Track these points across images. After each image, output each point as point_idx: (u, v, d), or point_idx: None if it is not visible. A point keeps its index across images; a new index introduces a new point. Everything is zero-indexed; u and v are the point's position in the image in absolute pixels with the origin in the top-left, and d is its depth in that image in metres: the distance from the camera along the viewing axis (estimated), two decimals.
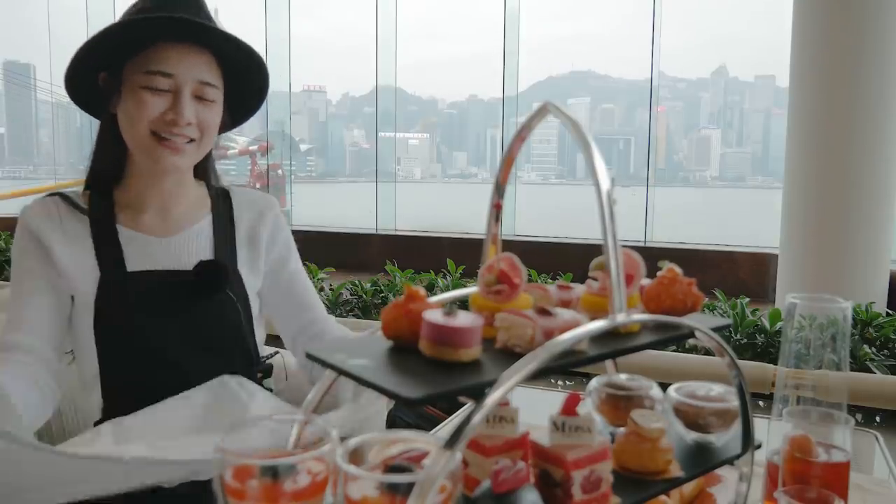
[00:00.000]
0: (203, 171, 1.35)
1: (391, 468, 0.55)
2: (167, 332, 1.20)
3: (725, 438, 0.84)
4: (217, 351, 1.24)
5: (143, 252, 1.24)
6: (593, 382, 0.90)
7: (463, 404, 1.29)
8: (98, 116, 1.28)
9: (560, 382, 3.76)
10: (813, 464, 0.88)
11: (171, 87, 1.18)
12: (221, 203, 1.35)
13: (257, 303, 1.34)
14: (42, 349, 1.17)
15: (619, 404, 0.86)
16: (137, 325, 1.19)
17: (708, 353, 3.75)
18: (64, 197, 1.26)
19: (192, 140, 1.21)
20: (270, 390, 1.31)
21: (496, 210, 0.83)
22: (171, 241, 1.26)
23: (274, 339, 1.38)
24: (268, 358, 1.34)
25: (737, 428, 0.82)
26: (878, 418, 3.46)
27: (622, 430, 0.78)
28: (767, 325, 4.06)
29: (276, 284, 1.37)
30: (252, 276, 1.32)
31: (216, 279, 1.23)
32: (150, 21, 1.15)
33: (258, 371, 1.30)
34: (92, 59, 1.20)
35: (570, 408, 0.68)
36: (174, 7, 1.16)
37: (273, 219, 1.38)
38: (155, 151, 1.19)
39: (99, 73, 1.23)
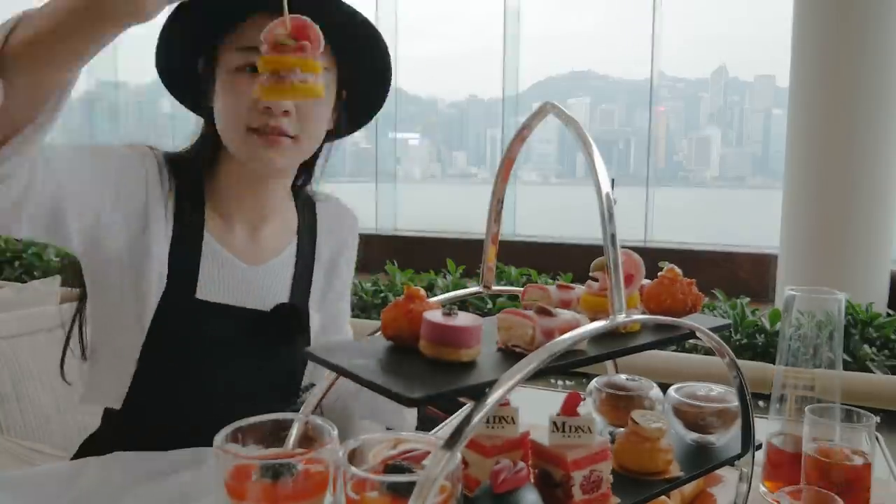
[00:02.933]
0: (300, 177, 1.20)
1: (391, 468, 0.55)
2: (223, 368, 1.09)
3: (725, 438, 0.84)
4: (266, 391, 1.14)
5: (221, 278, 1.10)
6: (593, 382, 0.90)
7: (463, 404, 1.29)
8: (200, 112, 1.14)
9: (560, 382, 3.76)
10: (835, 466, 0.89)
11: None
12: (306, 223, 1.23)
13: (314, 339, 1.23)
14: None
15: (619, 404, 0.86)
16: (194, 358, 1.07)
17: (708, 353, 3.75)
18: (160, 166, 1.08)
19: (291, 137, 1.04)
20: None
21: (496, 210, 0.83)
22: (253, 273, 1.13)
23: None
24: (304, 390, 1.23)
25: (737, 428, 0.82)
26: (878, 418, 3.46)
27: (622, 430, 0.78)
28: (767, 325, 4.05)
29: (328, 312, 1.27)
30: (319, 313, 1.22)
31: (290, 327, 1.13)
32: None
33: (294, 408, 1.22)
34: (181, 43, 1.05)
35: (570, 408, 0.68)
36: None
37: (352, 248, 1.29)
38: (249, 146, 1.04)
39: (197, 60, 1.08)
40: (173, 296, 1.05)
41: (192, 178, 1.11)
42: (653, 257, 0.79)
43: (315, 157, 1.20)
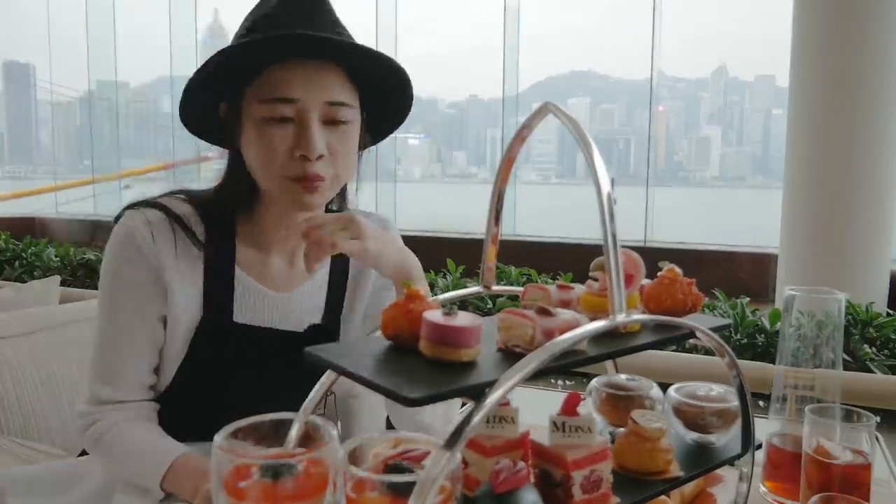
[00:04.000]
0: (336, 199, 1.22)
1: (391, 468, 0.55)
2: (257, 387, 1.12)
3: (725, 438, 0.84)
4: (294, 405, 1.18)
5: (256, 305, 1.14)
6: (593, 382, 0.90)
7: (463, 404, 1.29)
8: (222, 145, 1.15)
9: (560, 382, 3.76)
10: (835, 466, 0.89)
11: (296, 115, 1.02)
12: None
13: None
14: (139, 398, 1.11)
15: (619, 404, 0.86)
16: (229, 378, 1.12)
17: (708, 353, 3.75)
18: (178, 219, 1.12)
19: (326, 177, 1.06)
20: None
21: (496, 210, 0.83)
22: (286, 298, 1.16)
23: None
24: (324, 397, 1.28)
25: (737, 428, 0.82)
26: (878, 418, 3.46)
27: (622, 430, 0.78)
28: (767, 325, 4.06)
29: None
30: (348, 328, 1.24)
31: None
32: (267, 41, 0.99)
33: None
34: (207, 89, 1.06)
35: (570, 408, 0.68)
36: (293, 19, 1.01)
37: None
38: (289, 192, 1.06)
39: (218, 103, 1.10)
40: (208, 319, 1.11)
41: (225, 221, 1.14)
42: (653, 257, 0.79)
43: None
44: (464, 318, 0.62)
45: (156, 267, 1.09)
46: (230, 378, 1.12)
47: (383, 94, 1.12)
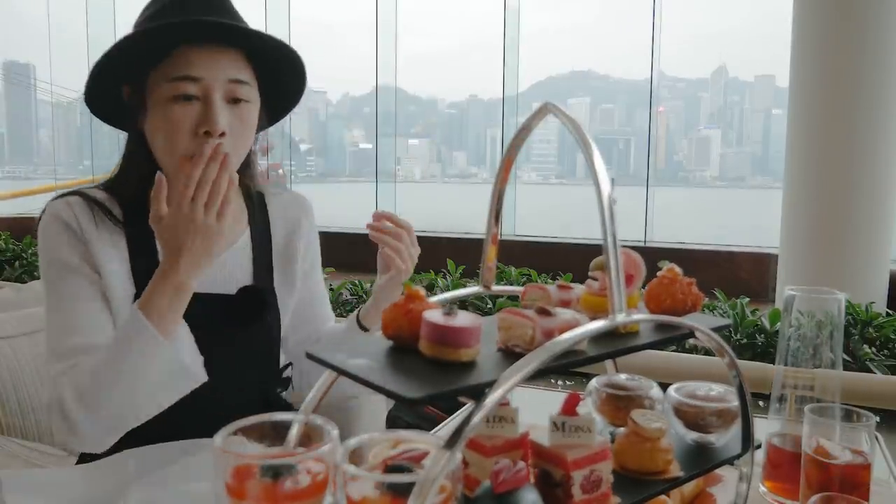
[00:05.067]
0: (242, 175, 1.23)
1: (391, 468, 0.55)
2: (202, 352, 1.11)
3: (725, 438, 0.84)
4: (248, 372, 1.22)
5: None
6: (593, 382, 0.90)
7: (463, 404, 1.29)
8: (124, 128, 1.20)
9: (560, 382, 3.76)
10: (835, 466, 0.89)
11: (201, 93, 1.09)
12: (258, 212, 1.30)
13: (287, 318, 1.31)
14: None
15: (619, 404, 0.86)
16: None
17: (708, 353, 3.75)
18: (95, 202, 1.17)
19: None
20: (289, 404, 1.30)
21: (496, 210, 0.83)
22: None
23: None
24: (284, 369, 1.31)
25: (737, 428, 0.82)
26: (878, 418, 3.46)
27: (622, 430, 0.78)
28: (767, 325, 4.06)
29: (298, 293, 1.33)
30: (287, 295, 1.30)
31: (257, 307, 1.20)
32: (173, 27, 1.07)
33: (279, 387, 1.29)
34: (112, 72, 1.11)
35: (570, 408, 0.68)
36: (194, 7, 1.08)
37: (308, 228, 1.35)
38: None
39: (122, 85, 1.15)
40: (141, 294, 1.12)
41: (139, 200, 1.16)
42: (653, 257, 0.79)
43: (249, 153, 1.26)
44: (464, 318, 0.62)
45: (85, 245, 1.12)
46: None
47: (278, 74, 1.19)
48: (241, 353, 1.21)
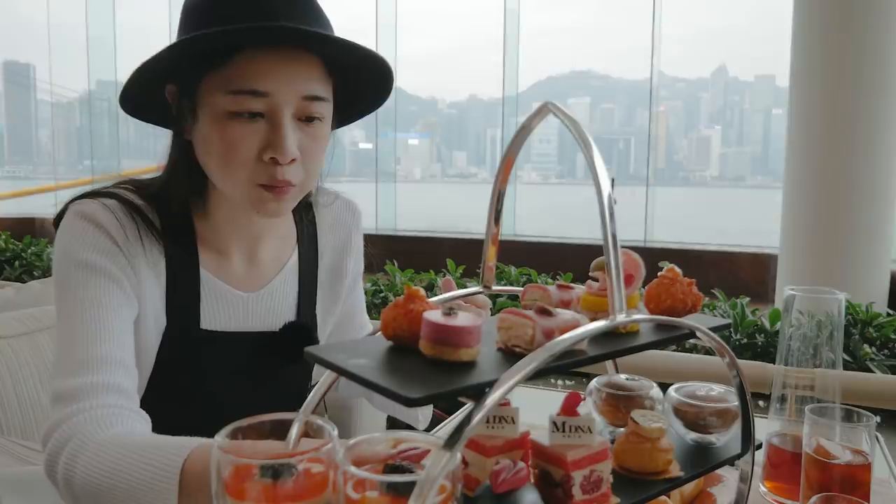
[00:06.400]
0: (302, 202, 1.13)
1: (391, 468, 0.55)
2: (235, 390, 1.07)
3: (725, 438, 0.84)
4: (278, 402, 1.14)
5: (223, 309, 1.06)
6: (593, 382, 0.90)
7: (463, 404, 1.29)
8: (161, 125, 1.03)
9: (560, 382, 3.76)
10: (835, 466, 0.89)
11: (267, 109, 0.91)
12: (306, 229, 1.18)
13: (325, 338, 1.23)
14: (132, 387, 0.93)
15: (619, 404, 0.86)
16: (204, 385, 1.06)
17: (708, 353, 3.75)
18: (136, 209, 0.99)
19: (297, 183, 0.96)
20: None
21: (496, 210, 0.83)
22: (255, 298, 1.10)
23: None
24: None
25: (737, 428, 0.82)
26: (878, 418, 3.47)
27: (622, 430, 0.78)
28: (767, 324, 4.06)
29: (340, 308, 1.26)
30: (328, 314, 1.22)
31: (300, 344, 1.06)
32: (250, 30, 0.87)
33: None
34: (157, 73, 0.94)
35: (570, 408, 0.68)
36: (268, 6, 0.88)
37: (357, 244, 1.25)
38: (255, 199, 0.95)
39: (164, 83, 0.98)
40: (174, 330, 1.02)
41: (180, 216, 1.03)
42: (653, 257, 0.79)
43: None
44: (464, 318, 0.62)
45: (127, 259, 0.96)
46: (202, 388, 1.06)
47: (356, 85, 1.02)
48: (273, 390, 1.13)
